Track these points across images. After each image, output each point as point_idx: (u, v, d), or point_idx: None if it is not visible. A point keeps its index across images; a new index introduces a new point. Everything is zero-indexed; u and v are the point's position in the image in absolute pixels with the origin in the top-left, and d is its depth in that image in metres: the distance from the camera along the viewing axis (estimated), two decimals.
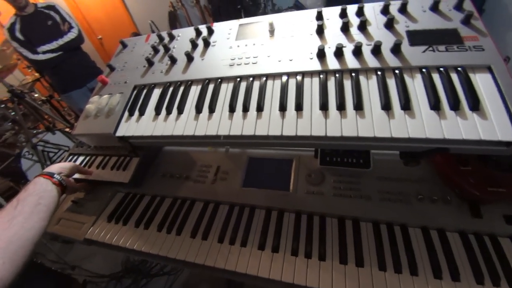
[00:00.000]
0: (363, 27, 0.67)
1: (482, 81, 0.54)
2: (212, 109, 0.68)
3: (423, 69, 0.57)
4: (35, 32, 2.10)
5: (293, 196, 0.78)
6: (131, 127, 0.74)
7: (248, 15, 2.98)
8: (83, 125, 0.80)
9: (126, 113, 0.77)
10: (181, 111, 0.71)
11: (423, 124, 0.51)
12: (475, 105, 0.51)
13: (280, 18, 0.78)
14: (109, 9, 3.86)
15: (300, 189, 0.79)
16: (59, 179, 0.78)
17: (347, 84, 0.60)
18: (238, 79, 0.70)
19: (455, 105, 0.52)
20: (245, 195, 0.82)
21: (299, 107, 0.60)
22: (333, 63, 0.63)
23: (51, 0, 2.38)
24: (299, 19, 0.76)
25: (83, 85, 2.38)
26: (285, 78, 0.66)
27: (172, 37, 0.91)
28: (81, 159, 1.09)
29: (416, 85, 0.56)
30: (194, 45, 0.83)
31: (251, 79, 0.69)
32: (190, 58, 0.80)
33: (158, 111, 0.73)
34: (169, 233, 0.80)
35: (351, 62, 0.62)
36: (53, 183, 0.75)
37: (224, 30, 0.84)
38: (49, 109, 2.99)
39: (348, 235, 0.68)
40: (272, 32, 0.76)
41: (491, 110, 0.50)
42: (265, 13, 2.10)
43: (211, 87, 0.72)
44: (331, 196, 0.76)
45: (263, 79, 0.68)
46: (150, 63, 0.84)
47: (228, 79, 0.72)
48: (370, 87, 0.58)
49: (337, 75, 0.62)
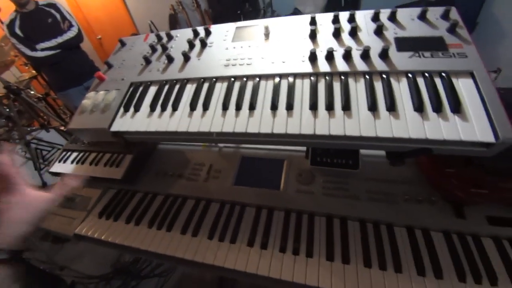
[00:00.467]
0: (353, 33, 0.70)
1: (464, 86, 0.57)
2: (206, 107, 0.69)
3: (409, 74, 0.60)
4: (35, 29, 2.11)
5: (283, 194, 0.80)
6: (126, 123, 0.75)
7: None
8: (79, 120, 0.81)
9: (121, 109, 0.78)
10: (175, 108, 0.72)
11: (407, 124, 0.53)
12: (457, 108, 0.54)
13: (275, 22, 0.81)
14: (110, 9, 3.89)
15: (290, 188, 0.81)
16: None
17: (336, 86, 0.63)
18: (232, 79, 0.73)
19: (437, 108, 0.54)
20: (236, 193, 0.84)
21: (289, 107, 0.62)
22: (324, 66, 0.66)
23: None
24: (294, 24, 0.79)
25: (81, 83, 2.38)
26: (277, 79, 0.68)
27: (170, 37, 0.93)
28: (74, 155, 1.09)
29: (401, 88, 0.59)
30: (191, 46, 0.85)
31: (245, 79, 0.71)
32: (187, 57, 0.82)
33: (153, 107, 0.75)
34: (159, 229, 0.81)
35: (341, 65, 0.65)
36: None
37: (221, 32, 0.87)
38: (45, 107, 2.97)
39: (335, 233, 0.70)
40: (267, 35, 0.79)
41: (472, 112, 0.53)
42: None
43: (206, 86, 0.74)
44: (320, 195, 0.77)
45: (257, 80, 0.70)
46: (147, 61, 0.86)
47: (222, 79, 0.74)
48: (358, 89, 0.61)
49: (327, 78, 0.64)
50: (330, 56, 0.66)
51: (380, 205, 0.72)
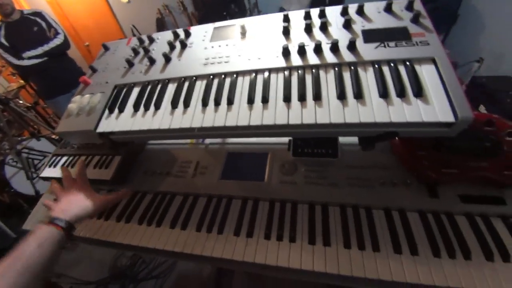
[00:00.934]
0: (324, 27, 0.73)
1: (426, 71, 0.60)
2: (187, 104, 0.72)
3: (375, 63, 0.64)
4: (21, 38, 2.11)
5: (267, 185, 0.83)
6: (111, 124, 0.77)
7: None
8: (65, 124, 0.83)
9: (106, 111, 0.80)
10: (158, 107, 0.75)
11: (373, 110, 0.57)
12: (419, 92, 0.57)
13: (251, 21, 0.85)
14: (97, 16, 3.89)
15: (274, 179, 0.84)
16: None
17: (308, 78, 0.66)
18: (211, 77, 0.76)
19: (401, 93, 0.58)
20: (222, 187, 0.86)
21: (265, 100, 0.65)
22: (296, 60, 0.70)
23: (38, 7, 2.40)
24: (268, 22, 0.82)
25: (69, 90, 2.38)
26: (253, 74, 0.72)
27: (151, 40, 0.96)
28: (64, 159, 1.11)
29: (368, 77, 0.62)
30: (172, 47, 0.88)
31: (223, 76, 0.75)
32: (167, 58, 0.84)
33: (136, 108, 0.77)
34: (149, 225, 0.83)
35: (312, 58, 0.68)
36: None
37: (200, 32, 0.90)
38: (34, 116, 2.96)
39: (317, 219, 0.73)
40: (243, 34, 0.82)
41: (433, 96, 0.57)
42: None
43: (186, 85, 0.77)
44: (302, 184, 0.80)
45: (234, 76, 0.73)
46: (130, 64, 0.89)
47: (202, 77, 0.77)
48: (328, 80, 0.64)
49: (300, 71, 0.68)
50: (302, 50, 0.70)
51: (358, 190, 0.76)
